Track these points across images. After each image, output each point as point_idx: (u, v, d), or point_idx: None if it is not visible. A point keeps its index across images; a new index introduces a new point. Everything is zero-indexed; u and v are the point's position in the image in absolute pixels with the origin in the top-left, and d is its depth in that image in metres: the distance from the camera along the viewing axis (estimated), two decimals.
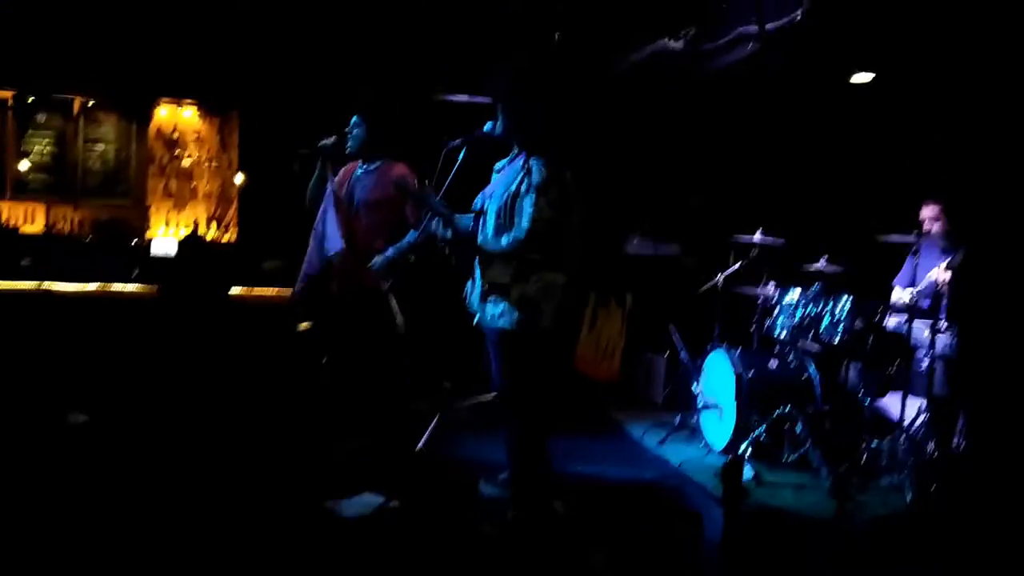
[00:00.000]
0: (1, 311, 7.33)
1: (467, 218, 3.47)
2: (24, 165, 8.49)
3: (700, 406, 4.73)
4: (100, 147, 8.74)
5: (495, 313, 3.31)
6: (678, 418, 4.97)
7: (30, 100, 8.47)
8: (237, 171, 8.78)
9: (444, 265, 4.34)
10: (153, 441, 4.36)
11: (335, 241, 3.90)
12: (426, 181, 3.51)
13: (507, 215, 3.25)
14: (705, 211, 5.94)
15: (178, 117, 8.85)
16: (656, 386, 5.64)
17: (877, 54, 4.85)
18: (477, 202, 3.50)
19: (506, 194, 3.28)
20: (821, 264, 4.48)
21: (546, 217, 3.17)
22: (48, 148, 8.71)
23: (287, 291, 7.63)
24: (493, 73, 3.37)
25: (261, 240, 8.45)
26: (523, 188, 3.22)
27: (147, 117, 8.76)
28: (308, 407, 4.83)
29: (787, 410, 4.36)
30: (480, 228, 3.44)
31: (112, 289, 7.91)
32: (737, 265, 5.05)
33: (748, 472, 4.23)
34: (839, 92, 5.10)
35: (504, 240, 3.25)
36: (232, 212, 8.85)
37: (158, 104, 8.79)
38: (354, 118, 4.15)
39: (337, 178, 4.10)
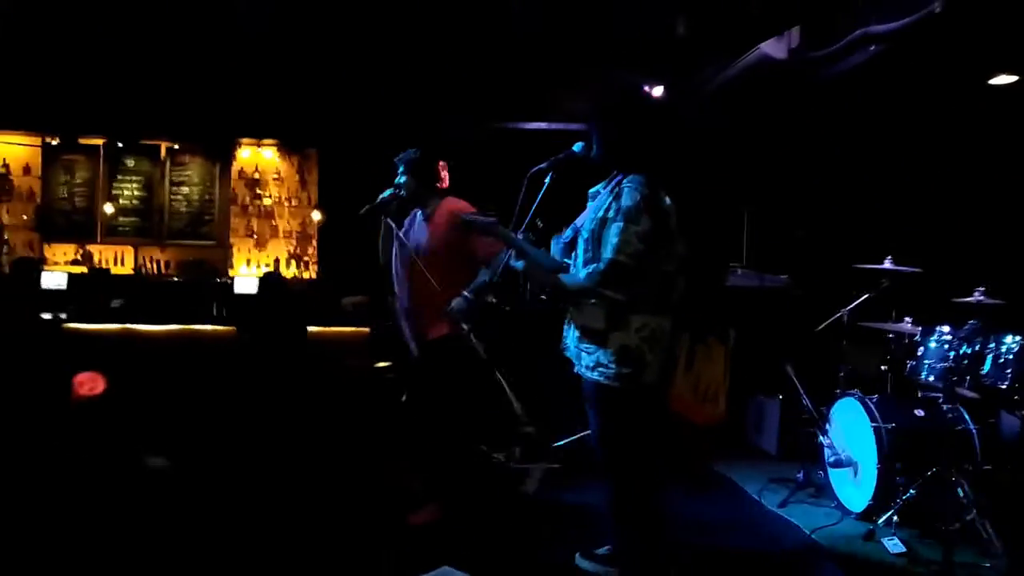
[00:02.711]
0: (91, 352, 7.07)
1: (550, 250, 2.83)
2: (114, 209, 8.30)
3: (830, 461, 3.89)
4: (185, 190, 8.47)
5: (589, 363, 2.65)
6: (800, 474, 4.13)
7: (119, 146, 8.32)
8: (316, 209, 8.38)
9: (525, 301, 3.70)
10: (234, 485, 3.86)
11: (403, 298, 3.74)
12: (490, 210, 2.89)
13: (595, 246, 2.62)
14: (810, 243, 5.11)
15: (259, 157, 8.52)
16: (769, 434, 4.79)
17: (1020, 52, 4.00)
18: (567, 233, 2.85)
19: (595, 221, 2.64)
20: (976, 296, 3.62)
21: (633, 250, 2.48)
22: (136, 192, 8.51)
23: (366, 329, 7.17)
24: (590, 90, 2.75)
25: (341, 277, 8.02)
26: (610, 213, 2.58)
27: (229, 158, 8.46)
28: (388, 453, 4.31)
29: (941, 469, 3.49)
30: (572, 262, 2.81)
31: (196, 329, 7.57)
32: (864, 297, 4.22)
33: (896, 545, 3.38)
34: (978, 96, 4.24)
35: (583, 273, 2.62)
36: (312, 249, 8.45)
37: (239, 145, 8.51)
38: (399, 167, 3.78)
39: (404, 229, 3.78)
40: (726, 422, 5.09)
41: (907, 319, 4.02)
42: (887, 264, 4.10)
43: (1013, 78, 4.21)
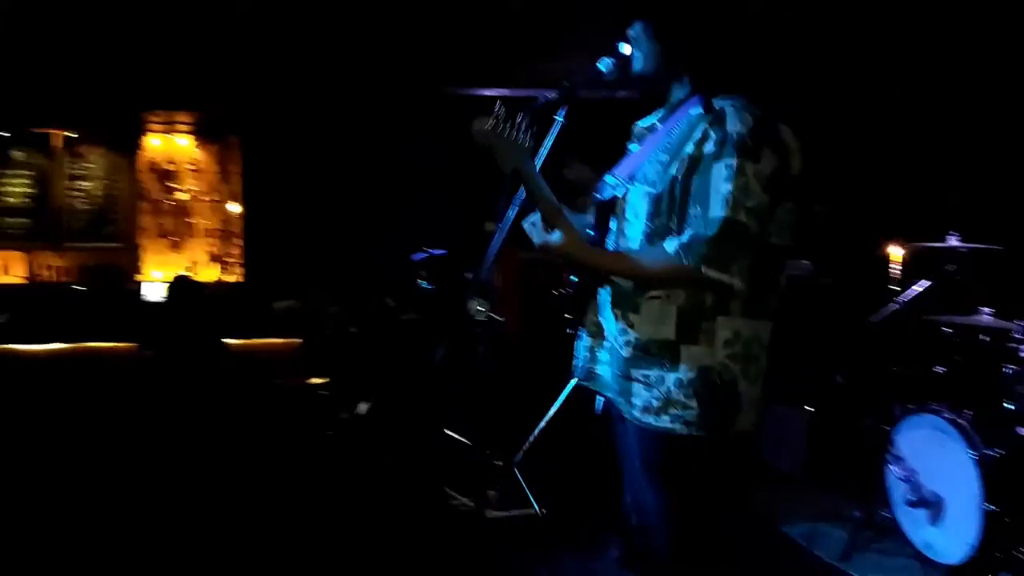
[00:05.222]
0: None
1: (582, 218, 1.64)
2: None
3: (910, 500, 2.84)
4: (85, 185, 7.03)
5: (649, 401, 1.46)
6: (858, 512, 3.06)
7: (4, 136, 6.81)
8: (234, 202, 7.02)
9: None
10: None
11: None
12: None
13: (674, 203, 1.43)
14: (833, 220, 4.06)
15: (172, 147, 7.12)
16: (793, 454, 3.72)
17: None
18: (605, 190, 1.68)
19: (673, 165, 1.46)
20: None
21: (757, 203, 1.35)
22: (27, 189, 7.02)
23: (298, 340, 5.92)
24: None
25: (271, 280, 6.73)
26: (707, 148, 1.40)
27: (137, 148, 7.05)
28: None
29: None
30: (614, 234, 1.63)
31: (88, 347, 6.15)
32: (926, 285, 3.19)
33: None
34: None
35: (671, 245, 1.43)
36: (236, 250, 7.09)
37: (148, 133, 7.10)
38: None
39: None
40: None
41: (985, 310, 3.00)
42: (953, 241, 3.09)
43: None
